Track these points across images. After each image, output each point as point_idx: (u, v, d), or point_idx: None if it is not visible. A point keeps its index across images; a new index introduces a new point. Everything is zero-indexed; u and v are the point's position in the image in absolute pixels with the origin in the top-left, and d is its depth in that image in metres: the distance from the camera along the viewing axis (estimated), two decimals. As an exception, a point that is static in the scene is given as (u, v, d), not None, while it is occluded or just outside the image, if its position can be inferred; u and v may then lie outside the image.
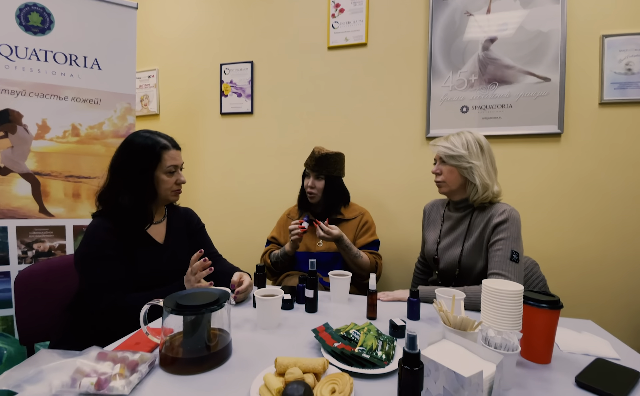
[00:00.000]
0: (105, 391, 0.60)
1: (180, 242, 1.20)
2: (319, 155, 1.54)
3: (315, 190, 1.55)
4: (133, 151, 1.06)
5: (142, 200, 1.06)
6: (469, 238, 1.21)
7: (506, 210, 1.15)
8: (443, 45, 1.79)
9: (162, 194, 1.11)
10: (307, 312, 1.07)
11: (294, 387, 0.58)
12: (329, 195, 1.56)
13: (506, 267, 1.09)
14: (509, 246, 1.10)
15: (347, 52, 1.95)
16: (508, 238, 1.11)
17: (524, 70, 1.69)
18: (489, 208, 1.20)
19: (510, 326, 0.73)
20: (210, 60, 2.20)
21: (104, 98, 1.86)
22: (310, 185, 1.56)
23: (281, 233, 1.66)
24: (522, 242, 1.15)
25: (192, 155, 2.25)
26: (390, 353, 0.77)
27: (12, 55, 1.68)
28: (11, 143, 1.69)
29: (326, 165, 1.54)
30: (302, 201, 1.64)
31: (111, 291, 0.97)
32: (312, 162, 1.56)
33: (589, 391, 0.66)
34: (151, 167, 1.06)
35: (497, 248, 1.12)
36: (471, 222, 1.22)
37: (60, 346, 0.90)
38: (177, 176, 1.13)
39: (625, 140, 1.60)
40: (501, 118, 1.73)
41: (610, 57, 1.61)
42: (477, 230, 1.19)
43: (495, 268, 1.10)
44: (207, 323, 0.76)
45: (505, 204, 1.19)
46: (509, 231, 1.12)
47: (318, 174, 1.55)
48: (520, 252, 1.11)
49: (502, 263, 1.10)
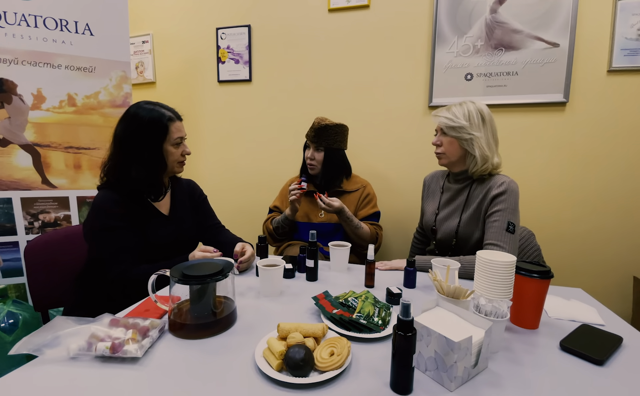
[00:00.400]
0: (120, 354, 0.65)
1: (185, 213, 1.23)
2: (318, 126, 1.52)
3: (315, 161, 1.55)
4: (141, 125, 1.05)
5: (155, 172, 1.09)
6: (466, 209, 1.23)
7: (505, 182, 1.16)
8: (449, 8, 1.71)
9: (170, 166, 1.12)
10: (308, 281, 1.11)
11: (296, 350, 0.62)
12: (329, 167, 1.56)
13: (502, 238, 1.11)
14: (505, 217, 1.12)
15: (348, 14, 1.87)
16: (505, 209, 1.13)
17: (532, 35, 1.62)
18: (488, 180, 1.21)
19: (501, 295, 0.76)
20: (206, 24, 2.12)
21: (98, 65, 1.81)
22: (309, 156, 1.57)
23: (283, 202, 1.68)
24: (520, 213, 1.16)
25: (190, 124, 2.22)
26: (386, 319, 0.81)
27: (2, 22, 1.62)
28: (8, 114, 1.67)
29: (325, 137, 1.53)
30: (304, 172, 1.65)
31: (120, 262, 1.00)
32: (312, 133, 1.55)
33: (573, 354, 0.71)
34: (160, 139, 1.07)
35: (494, 219, 1.14)
36: (470, 194, 1.24)
37: (73, 313, 0.95)
38: (182, 147, 1.14)
39: (632, 109, 1.57)
40: (506, 87, 1.69)
41: (622, 20, 1.55)
42: (476, 201, 1.21)
43: (491, 238, 1.13)
44: (212, 291, 0.80)
45: (504, 176, 1.19)
46: (506, 203, 1.13)
47: (317, 146, 1.54)
48: (516, 223, 1.13)
49: (498, 234, 1.12)
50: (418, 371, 0.65)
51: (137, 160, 1.06)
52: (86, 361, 0.65)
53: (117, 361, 0.66)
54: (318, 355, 0.65)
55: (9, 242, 1.72)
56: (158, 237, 1.10)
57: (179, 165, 1.16)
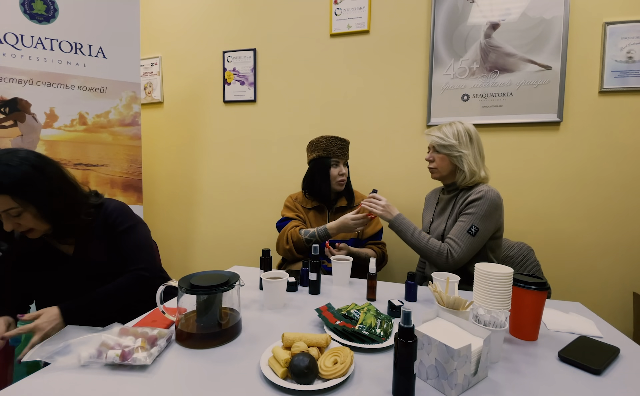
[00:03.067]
0: (129, 362, 0.67)
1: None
2: (342, 141, 1.58)
3: (344, 176, 1.57)
4: None
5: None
6: (451, 215, 1.30)
7: (483, 190, 1.22)
8: (445, 33, 1.80)
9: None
10: (311, 294, 1.13)
11: (300, 358, 0.64)
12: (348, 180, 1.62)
13: (460, 237, 1.20)
14: (472, 220, 1.20)
15: (349, 39, 1.96)
16: (474, 214, 1.20)
17: (525, 58, 1.70)
18: (472, 187, 1.28)
19: (499, 305, 0.78)
20: (213, 48, 2.21)
21: (109, 86, 1.88)
22: (341, 173, 1.55)
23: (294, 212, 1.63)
24: (493, 223, 1.21)
25: (195, 143, 2.29)
26: (388, 331, 0.83)
27: (18, 44, 1.71)
28: (21, 131, 1.73)
29: (346, 151, 1.61)
30: (314, 190, 1.59)
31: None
32: (339, 149, 1.56)
33: (571, 365, 0.72)
34: None
35: (461, 219, 1.23)
36: (455, 201, 1.31)
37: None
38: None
39: (624, 129, 1.62)
40: (501, 107, 1.75)
41: (611, 44, 1.62)
42: (457, 207, 1.28)
43: (450, 234, 1.22)
44: (219, 302, 0.82)
45: (486, 185, 1.26)
46: (478, 208, 1.20)
47: (345, 160, 1.60)
48: (482, 228, 1.19)
49: (458, 232, 1.21)
50: (419, 379, 0.66)
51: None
52: (96, 369, 0.67)
53: (127, 369, 0.67)
54: (322, 364, 0.66)
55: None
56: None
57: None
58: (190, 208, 2.34)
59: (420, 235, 1.25)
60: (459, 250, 1.18)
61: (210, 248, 2.33)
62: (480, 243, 1.21)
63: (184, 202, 2.35)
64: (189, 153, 2.32)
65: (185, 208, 2.35)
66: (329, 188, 1.57)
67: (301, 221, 1.58)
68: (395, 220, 1.29)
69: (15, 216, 0.87)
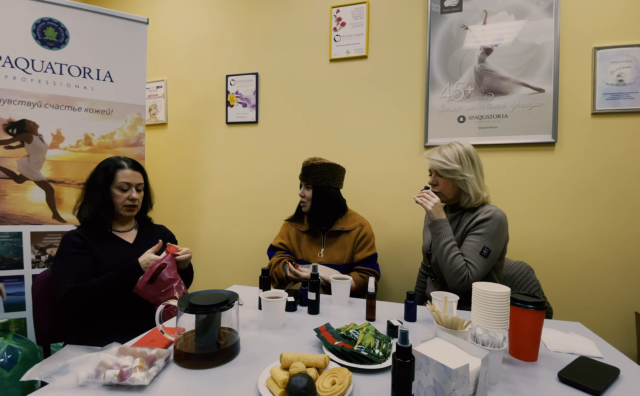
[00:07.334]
0: (127, 382, 0.66)
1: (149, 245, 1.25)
2: (306, 165, 1.64)
3: (305, 198, 1.64)
4: (96, 170, 1.27)
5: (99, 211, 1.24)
6: (456, 234, 1.30)
7: (492, 210, 1.23)
8: (441, 58, 1.86)
9: (117, 207, 1.26)
10: (310, 314, 1.13)
11: (298, 379, 0.64)
12: (317, 204, 1.62)
13: (474, 258, 1.19)
14: (483, 241, 1.20)
15: (348, 64, 2.03)
16: (485, 234, 1.20)
17: (518, 81, 1.75)
18: (478, 208, 1.29)
19: (497, 325, 0.78)
20: (216, 72, 2.29)
21: (115, 108, 1.94)
22: (300, 193, 1.67)
23: (285, 238, 1.71)
24: (502, 243, 1.23)
25: (198, 162, 2.33)
26: (387, 351, 0.83)
27: (29, 68, 1.77)
28: (27, 152, 1.77)
29: (312, 176, 1.61)
30: (298, 209, 1.72)
31: (69, 281, 1.11)
32: (301, 171, 1.66)
33: (570, 385, 0.72)
34: (107, 182, 1.25)
35: (471, 239, 1.22)
36: (461, 221, 1.31)
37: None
38: (129, 192, 1.26)
39: (617, 149, 1.65)
40: (497, 128, 1.79)
41: (602, 68, 1.67)
42: (463, 225, 1.28)
43: (465, 255, 1.21)
44: (217, 322, 0.82)
45: (493, 206, 1.27)
46: (488, 228, 1.20)
47: (307, 183, 1.63)
48: (493, 249, 1.19)
49: (471, 252, 1.20)
50: (418, 401, 0.66)
51: (89, 200, 1.24)
52: (94, 389, 0.67)
53: (124, 389, 0.67)
54: (320, 385, 0.66)
55: (14, 276, 1.74)
56: (116, 256, 1.21)
57: (126, 209, 1.27)
58: (191, 227, 2.36)
59: (453, 249, 1.22)
60: (476, 272, 1.18)
61: (211, 267, 2.33)
62: (491, 264, 1.21)
63: (185, 221, 2.37)
64: (191, 172, 2.36)
65: (187, 226, 2.36)
66: (300, 208, 1.69)
67: (284, 251, 1.68)
68: (439, 222, 1.26)
69: (139, 190, 1.29)
